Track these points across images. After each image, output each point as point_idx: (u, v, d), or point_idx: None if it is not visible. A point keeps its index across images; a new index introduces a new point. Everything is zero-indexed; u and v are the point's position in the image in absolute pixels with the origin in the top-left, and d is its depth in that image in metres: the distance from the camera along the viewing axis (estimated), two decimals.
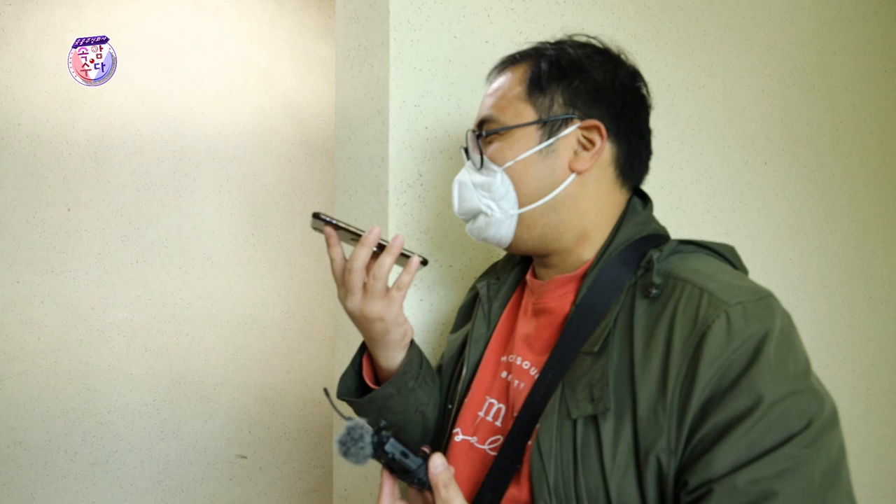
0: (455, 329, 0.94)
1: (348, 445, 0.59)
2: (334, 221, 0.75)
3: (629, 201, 0.77)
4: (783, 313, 0.61)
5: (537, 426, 0.66)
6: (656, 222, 0.78)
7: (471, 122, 1.12)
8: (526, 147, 0.73)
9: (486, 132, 0.76)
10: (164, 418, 2.25)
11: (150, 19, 2.25)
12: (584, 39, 0.79)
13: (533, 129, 0.73)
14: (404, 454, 0.61)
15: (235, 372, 2.38)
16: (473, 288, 0.94)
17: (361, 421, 0.60)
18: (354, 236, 0.75)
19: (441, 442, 0.83)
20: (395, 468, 0.61)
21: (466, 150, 0.81)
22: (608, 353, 0.64)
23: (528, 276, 0.83)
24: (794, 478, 0.54)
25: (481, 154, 0.76)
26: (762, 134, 1.57)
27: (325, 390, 0.69)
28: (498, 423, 0.76)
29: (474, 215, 0.78)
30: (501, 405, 0.77)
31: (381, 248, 0.75)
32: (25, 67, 2.08)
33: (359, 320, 0.79)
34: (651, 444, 0.59)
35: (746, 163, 1.54)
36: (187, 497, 2.28)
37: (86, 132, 2.16)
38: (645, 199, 0.80)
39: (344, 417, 0.61)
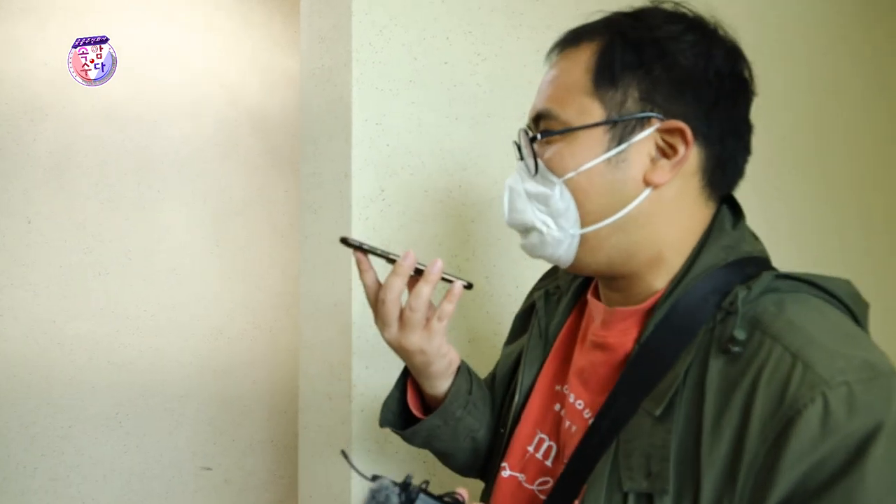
0: (510, 340, 0.87)
1: None
2: (365, 246, 0.68)
3: (716, 215, 0.62)
4: None
5: (585, 486, 0.58)
6: (750, 243, 0.63)
7: (432, 141, 1.16)
8: (592, 154, 0.59)
9: (541, 133, 0.62)
10: (128, 431, 2.23)
11: (116, 32, 2.25)
12: (670, 7, 0.62)
13: (600, 130, 0.59)
14: None
15: (200, 383, 2.37)
16: (530, 296, 0.85)
17: (386, 481, 0.52)
18: (388, 261, 0.69)
19: (491, 469, 0.77)
20: None
21: (519, 147, 0.67)
22: (673, 419, 0.54)
23: (590, 296, 0.71)
24: None
25: (535, 159, 0.62)
26: None
27: (344, 452, 0.62)
28: (548, 464, 0.69)
29: (526, 230, 0.65)
30: (552, 443, 0.69)
31: (418, 272, 0.68)
32: None
33: (398, 352, 0.72)
34: None
35: None
36: None
37: (48, 144, 2.14)
38: (737, 212, 0.65)
39: (365, 478, 0.54)
